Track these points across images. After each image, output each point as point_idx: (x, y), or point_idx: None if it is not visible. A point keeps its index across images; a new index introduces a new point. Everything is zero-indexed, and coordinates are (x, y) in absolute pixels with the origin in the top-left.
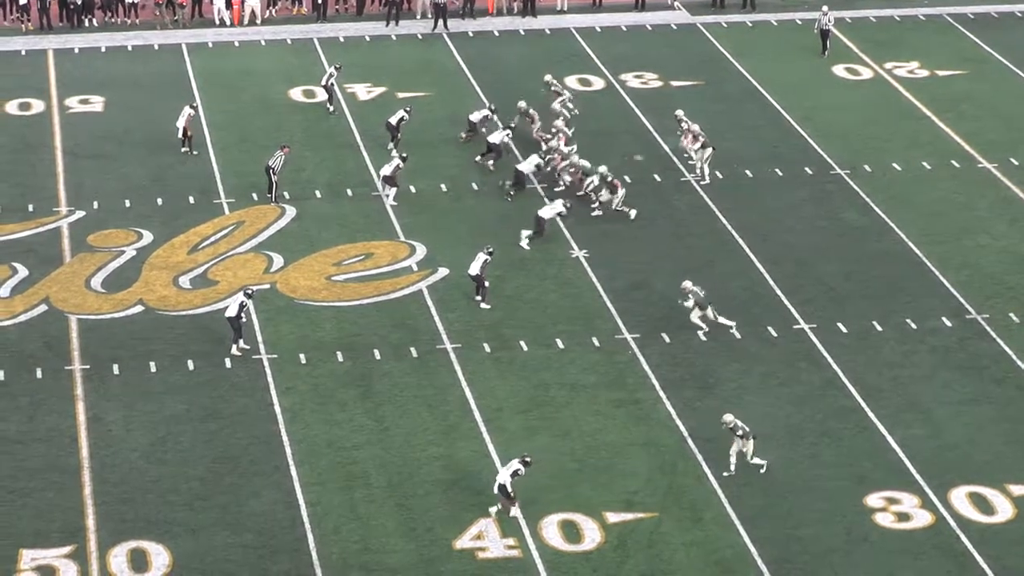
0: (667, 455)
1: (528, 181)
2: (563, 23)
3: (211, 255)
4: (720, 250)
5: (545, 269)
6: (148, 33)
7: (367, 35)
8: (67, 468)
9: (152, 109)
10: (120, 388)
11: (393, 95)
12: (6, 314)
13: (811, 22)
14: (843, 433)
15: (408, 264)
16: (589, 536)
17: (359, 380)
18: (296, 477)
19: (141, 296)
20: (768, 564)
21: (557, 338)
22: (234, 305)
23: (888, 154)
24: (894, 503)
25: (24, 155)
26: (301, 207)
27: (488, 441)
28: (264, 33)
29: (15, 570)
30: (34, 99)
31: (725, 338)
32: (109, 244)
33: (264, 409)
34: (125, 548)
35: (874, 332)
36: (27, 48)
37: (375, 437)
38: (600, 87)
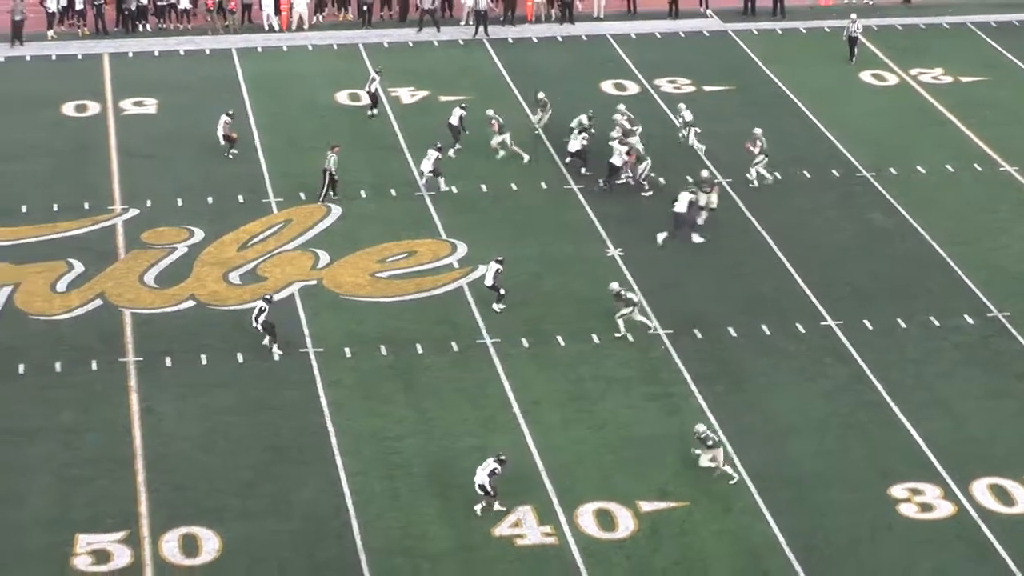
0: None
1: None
2: (599, 30)
3: (260, 252)
4: (750, 250)
5: (581, 267)
6: (199, 38)
7: (410, 40)
8: (121, 457)
9: (203, 111)
10: (172, 380)
11: (435, 99)
12: (63, 308)
13: (839, 30)
14: (868, 426)
15: (449, 262)
16: (623, 524)
17: (402, 373)
18: (341, 466)
19: (193, 291)
20: (795, 552)
21: (593, 334)
22: (262, 316)
23: (913, 157)
24: (917, 494)
25: (80, 155)
26: (346, 206)
27: (526, 432)
28: (311, 38)
29: (71, 554)
30: (90, 101)
31: (755, 335)
32: (162, 241)
33: (311, 401)
34: (177, 533)
35: (898, 329)
36: (83, 52)
37: (417, 428)
38: (635, 92)
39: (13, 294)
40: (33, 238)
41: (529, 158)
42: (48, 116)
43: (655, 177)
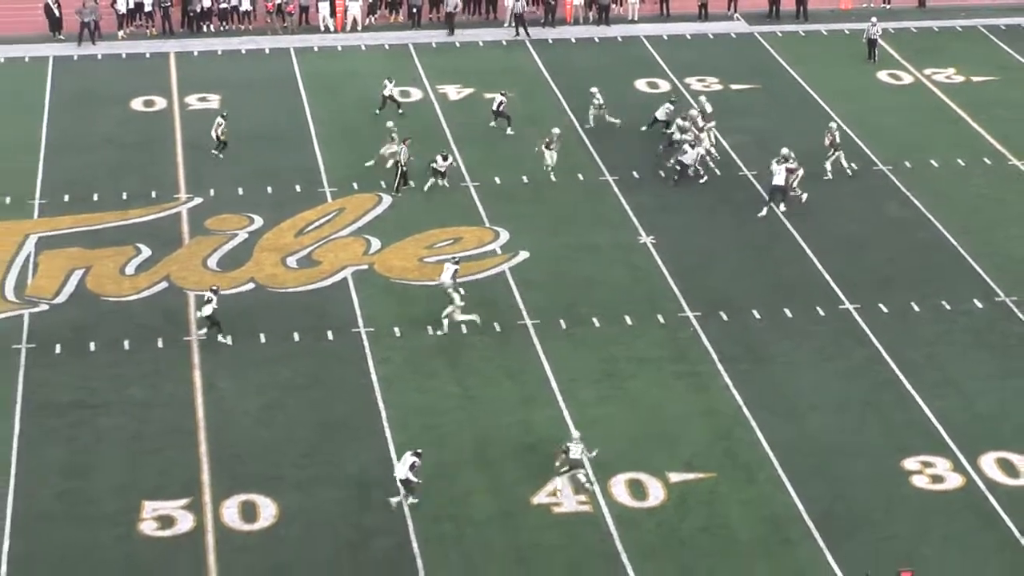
0: (724, 422)
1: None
2: (634, 31)
3: (315, 238)
4: (775, 238)
5: (616, 253)
6: (260, 38)
7: (457, 41)
8: (185, 429)
9: (263, 106)
10: (232, 358)
11: (480, 95)
12: (131, 290)
13: (858, 32)
14: (884, 403)
15: (492, 248)
16: (653, 494)
17: (448, 352)
18: (390, 438)
19: (252, 275)
20: (815, 520)
21: (626, 316)
22: (208, 306)
23: (927, 152)
24: (929, 467)
25: (148, 147)
26: (397, 196)
27: (563, 408)
28: (364, 39)
29: (138, 519)
30: (157, 97)
31: (778, 317)
32: (224, 228)
33: (362, 377)
34: (236, 501)
35: (913, 313)
36: (151, 51)
37: (461, 404)
38: (666, 89)
39: (85, 277)
40: (104, 224)
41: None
42: (118, 111)
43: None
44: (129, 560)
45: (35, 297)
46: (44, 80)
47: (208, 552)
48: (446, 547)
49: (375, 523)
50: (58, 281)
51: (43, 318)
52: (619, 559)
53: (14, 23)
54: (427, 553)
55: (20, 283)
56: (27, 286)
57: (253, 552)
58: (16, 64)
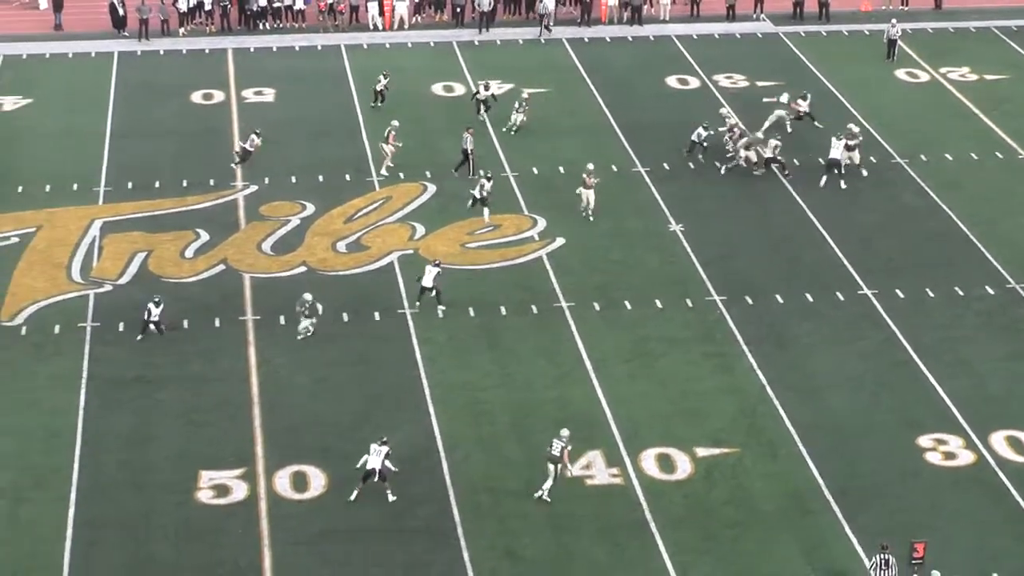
0: (748, 400)
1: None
2: (665, 31)
3: (364, 224)
4: (797, 226)
5: (647, 240)
6: (313, 36)
7: (498, 39)
8: (240, 403)
9: (315, 100)
10: (285, 336)
11: (519, 90)
12: (191, 272)
13: (878, 33)
14: (899, 383)
15: (530, 234)
16: (681, 467)
17: (487, 332)
18: (433, 414)
19: (304, 258)
20: (833, 494)
21: (656, 299)
22: (156, 310)
23: (941, 146)
24: (942, 444)
25: (207, 138)
26: (440, 185)
27: (596, 386)
28: (411, 37)
29: (195, 488)
30: (216, 90)
31: (799, 301)
32: (278, 214)
33: (407, 356)
34: (288, 471)
35: (927, 298)
36: (210, 47)
37: (500, 381)
38: (696, 86)
39: (147, 259)
40: (165, 210)
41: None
42: (178, 103)
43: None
44: (186, 526)
45: (100, 278)
46: (109, 74)
47: (261, 519)
48: (484, 516)
49: (418, 493)
50: (122, 263)
51: (107, 298)
52: (648, 528)
53: (82, 21)
54: (466, 521)
55: (86, 265)
56: (92, 268)
57: (303, 519)
58: (83, 59)
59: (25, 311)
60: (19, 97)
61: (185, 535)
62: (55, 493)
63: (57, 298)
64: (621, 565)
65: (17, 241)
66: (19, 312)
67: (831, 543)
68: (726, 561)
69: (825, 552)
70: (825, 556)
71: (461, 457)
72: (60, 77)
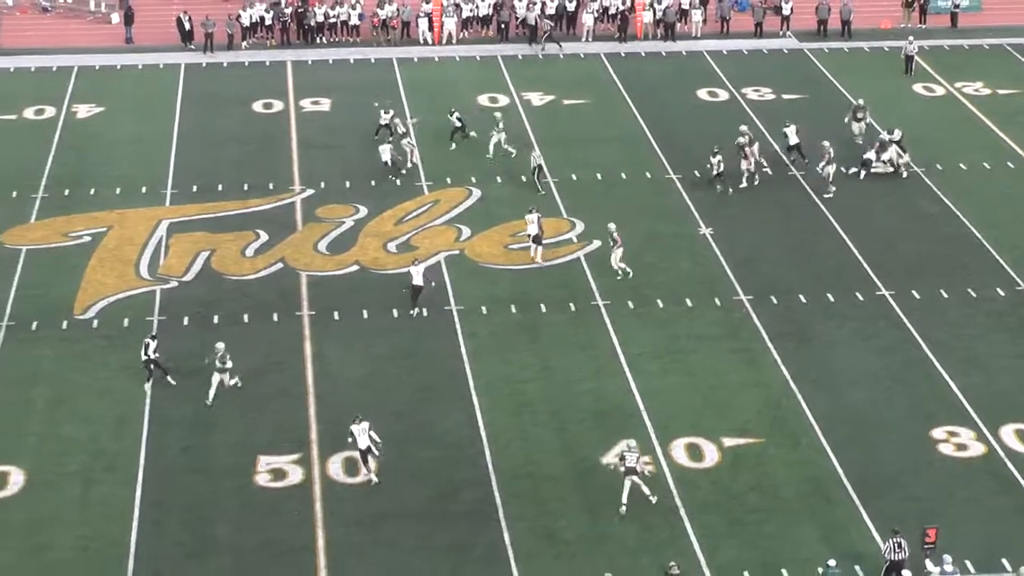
0: (773, 393)
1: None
2: (697, 47)
3: (413, 226)
4: (818, 231)
5: (678, 243)
6: (366, 49)
7: (540, 53)
8: (296, 393)
9: (369, 110)
10: (339, 331)
11: (560, 102)
12: (251, 270)
13: (897, 49)
14: (914, 379)
15: (569, 237)
16: (709, 456)
17: (528, 328)
18: (477, 404)
19: (357, 258)
20: (851, 482)
21: (687, 298)
22: (152, 344)
23: (956, 156)
24: (954, 436)
25: (267, 144)
26: (485, 190)
27: (630, 379)
28: (458, 51)
29: (254, 472)
30: (275, 100)
31: (822, 301)
32: (333, 216)
33: (452, 350)
34: (341, 457)
35: (941, 298)
36: (271, 59)
37: (540, 374)
38: (725, 98)
39: (210, 258)
40: (227, 212)
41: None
42: (241, 112)
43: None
44: (246, 508)
45: (166, 275)
46: (176, 84)
47: (315, 502)
48: (525, 500)
49: (462, 478)
50: (186, 261)
51: (173, 294)
52: (678, 513)
53: (151, 35)
54: (508, 505)
55: (153, 263)
56: (159, 265)
57: (355, 502)
58: (152, 70)
59: (96, 305)
60: (92, 105)
61: (244, 517)
62: (123, 475)
63: (126, 293)
64: (652, 547)
65: (90, 240)
66: (91, 306)
67: (849, 528)
68: (750, 544)
69: (843, 536)
70: (843, 540)
71: (503, 445)
72: (130, 87)
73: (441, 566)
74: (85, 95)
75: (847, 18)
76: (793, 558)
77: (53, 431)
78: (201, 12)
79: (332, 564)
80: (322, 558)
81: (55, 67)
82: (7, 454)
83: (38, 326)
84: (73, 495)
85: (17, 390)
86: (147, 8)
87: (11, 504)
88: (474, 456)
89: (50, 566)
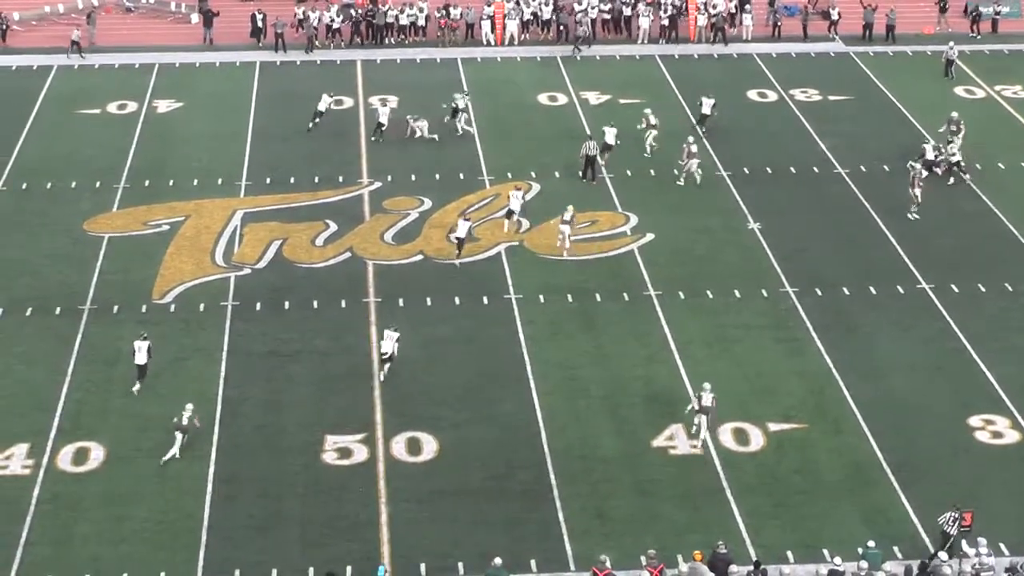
0: (817, 381)
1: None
2: (747, 49)
3: (475, 218)
4: (861, 226)
5: (728, 236)
6: (432, 50)
7: (597, 55)
8: (362, 375)
9: (434, 107)
10: (404, 316)
11: (616, 101)
12: (320, 258)
13: (939, 53)
14: (952, 368)
15: (624, 230)
16: (755, 441)
17: (584, 316)
18: (534, 388)
19: (422, 248)
20: (891, 466)
21: (735, 289)
22: (142, 354)
23: (995, 156)
24: (990, 424)
25: (337, 139)
26: (544, 184)
27: (680, 366)
28: (519, 52)
29: (321, 450)
30: (346, 97)
31: (864, 293)
32: (399, 208)
33: (511, 336)
34: (404, 436)
35: (979, 292)
36: (341, 59)
37: (595, 360)
38: (774, 99)
39: (282, 247)
40: (299, 203)
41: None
42: (312, 108)
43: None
44: (314, 484)
45: (240, 263)
46: (252, 81)
47: (379, 479)
48: (578, 480)
49: (519, 458)
50: (260, 250)
51: (246, 280)
52: (724, 494)
53: (228, 34)
54: (562, 485)
55: (228, 251)
56: (234, 253)
57: (417, 480)
58: (229, 68)
59: (174, 291)
60: (172, 101)
61: (312, 493)
62: (198, 452)
63: (202, 280)
64: (699, 526)
65: (168, 228)
66: (169, 291)
67: (888, 511)
68: (793, 525)
69: (882, 518)
70: (882, 521)
71: (558, 427)
72: (208, 83)
73: (498, 541)
74: (165, 91)
75: (892, 23)
76: (834, 539)
77: (132, 409)
78: (276, 11)
79: (395, 538)
80: (385, 532)
81: (137, 64)
82: (89, 431)
83: (119, 309)
84: (150, 470)
85: (99, 370)
86: (225, 8)
87: (92, 478)
88: (531, 439)
89: (127, 537)
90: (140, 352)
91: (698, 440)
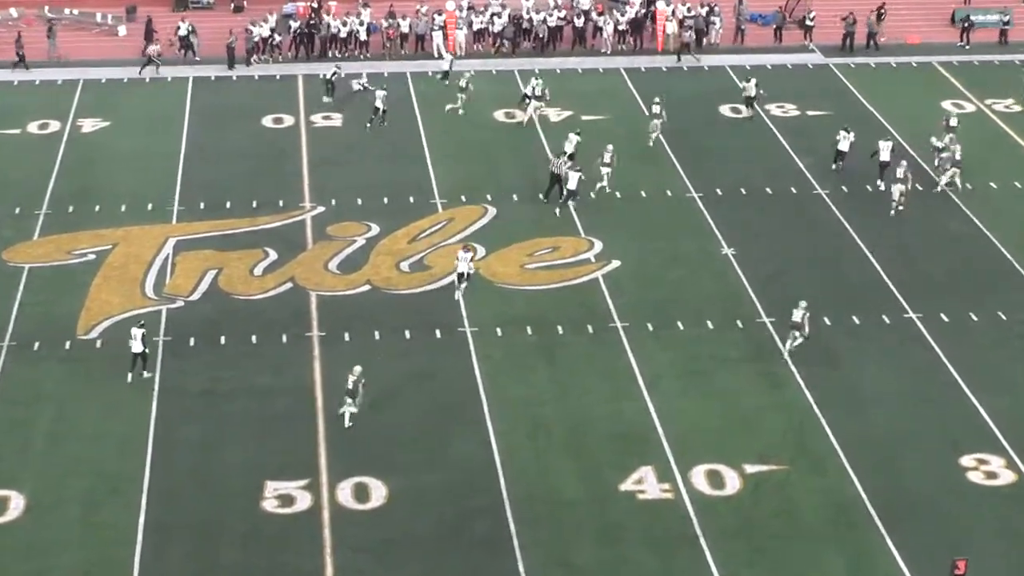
0: (796, 417)
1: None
2: (719, 61)
3: (427, 245)
4: (843, 249)
5: (701, 262)
6: (379, 63)
7: (558, 68)
8: (305, 415)
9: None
10: (350, 352)
11: (578, 118)
12: (259, 289)
13: (925, 64)
14: (942, 402)
15: (587, 256)
16: (730, 483)
17: (545, 350)
18: (491, 428)
19: (369, 277)
20: (876, 509)
21: (708, 319)
22: (137, 342)
23: (985, 174)
24: (983, 463)
25: (277, 160)
26: (500, 207)
27: (649, 403)
28: (474, 65)
29: (261, 497)
30: (286, 115)
31: (846, 323)
32: (344, 234)
33: (466, 372)
34: (351, 482)
35: (970, 321)
36: (281, 73)
37: (556, 397)
38: (748, 115)
39: (218, 277)
40: (236, 229)
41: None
42: (250, 126)
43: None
44: (253, 534)
45: (172, 294)
46: (184, 98)
47: (324, 528)
48: (540, 527)
49: (475, 504)
50: (193, 280)
51: (179, 313)
52: (698, 541)
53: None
54: (522, 532)
55: (159, 281)
56: (165, 284)
57: (365, 529)
58: (159, 84)
59: (100, 325)
60: (98, 119)
61: (251, 542)
62: (127, 499)
63: (131, 313)
64: (671, 575)
65: (94, 258)
66: (95, 325)
67: (875, 556)
68: (773, 572)
69: (868, 563)
70: (868, 567)
71: (517, 470)
72: (137, 101)
73: None
74: (90, 109)
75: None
76: None
77: (55, 453)
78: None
79: None
80: None
81: (60, 80)
82: (8, 478)
83: (40, 346)
84: (75, 518)
85: (18, 411)
86: (156, 21)
87: (11, 529)
88: (488, 482)
89: None
90: (135, 340)
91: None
